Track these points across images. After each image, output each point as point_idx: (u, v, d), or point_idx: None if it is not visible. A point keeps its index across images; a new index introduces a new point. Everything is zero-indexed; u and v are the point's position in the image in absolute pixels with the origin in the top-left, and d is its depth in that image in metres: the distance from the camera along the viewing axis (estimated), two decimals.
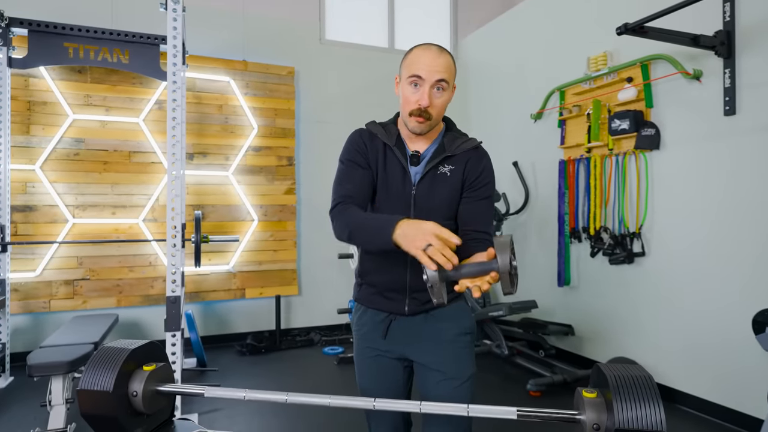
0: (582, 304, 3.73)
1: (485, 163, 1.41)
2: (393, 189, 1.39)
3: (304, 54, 4.71)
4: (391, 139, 1.40)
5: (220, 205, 4.35)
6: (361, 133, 1.44)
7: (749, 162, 2.63)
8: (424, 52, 1.31)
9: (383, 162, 1.40)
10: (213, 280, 4.32)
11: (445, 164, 1.38)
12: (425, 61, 1.30)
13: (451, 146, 1.39)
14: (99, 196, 3.96)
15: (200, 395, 1.30)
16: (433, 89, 1.31)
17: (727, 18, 2.68)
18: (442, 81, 1.30)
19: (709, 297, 2.83)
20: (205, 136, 4.29)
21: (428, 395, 1.42)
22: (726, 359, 2.73)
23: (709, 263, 2.83)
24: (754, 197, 2.60)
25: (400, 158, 1.38)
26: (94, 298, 3.92)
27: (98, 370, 1.20)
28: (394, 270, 1.41)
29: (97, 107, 3.95)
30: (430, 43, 1.35)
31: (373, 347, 1.47)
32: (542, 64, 4.16)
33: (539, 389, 3.19)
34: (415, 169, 1.39)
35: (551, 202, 3.98)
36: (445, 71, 1.30)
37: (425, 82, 1.29)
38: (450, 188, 1.38)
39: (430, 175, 1.38)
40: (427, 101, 1.29)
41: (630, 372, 1.09)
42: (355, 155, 1.41)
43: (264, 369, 3.80)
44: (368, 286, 1.48)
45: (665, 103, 3.08)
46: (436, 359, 1.42)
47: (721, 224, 2.77)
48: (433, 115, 1.32)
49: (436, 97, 1.31)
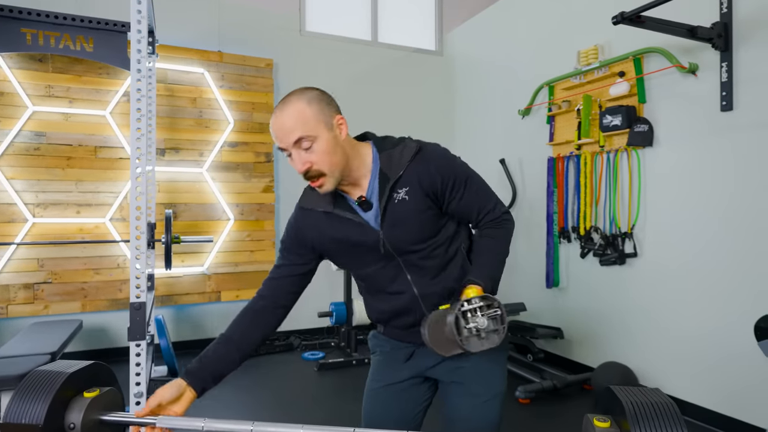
0: (571, 307, 3.62)
1: (435, 165, 1.22)
2: (358, 248, 1.25)
3: (283, 46, 4.51)
4: (328, 203, 1.25)
5: (193, 203, 4.12)
6: (296, 215, 1.32)
7: (747, 160, 2.52)
8: (272, 121, 1.18)
9: (331, 232, 1.26)
10: (186, 283, 4.09)
11: (397, 190, 1.21)
12: (275, 129, 1.16)
13: (391, 168, 1.21)
14: (62, 193, 3.70)
15: (152, 425, 1.12)
16: (301, 150, 1.14)
17: (724, 9, 2.58)
18: (300, 140, 1.13)
19: (705, 299, 2.72)
20: (177, 131, 4.06)
21: (449, 413, 1.33)
22: (722, 364, 2.63)
23: (704, 264, 2.73)
24: (752, 196, 2.50)
25: (347, 215, 1.23)
26: (57, 302, 3.67)
27: (27, 399, 1.01)
28: (409, 312, 1.29)
29: (60, 99, 3.69)
30: (279, 102, 1.19)
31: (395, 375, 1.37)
32: (530, 58, 4.04)
33: (528, 396, 3.06)
34: (371, 214, 1.23)
35: (539, 201, 3.86)
36: (296, 127, 1.13)
37: (288, 148, 1.15)
38: (414, 212, 1.22)
39: (389, 211, 1.21)
40: (302, 167, 1.16)
41: (649, 398, 0.93)
42: (286, 238, 1.33)
43: (240, 376, 3.57)
44: (392, 327, 1.36)
45: (659, 99, 2.98)
46: (460, 372, 1.31)
47: (718, 224, 2.66)
48: (323, 169, 1.16)
49: (309, 154, 1.15)
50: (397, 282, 1.27)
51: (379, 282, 1.29)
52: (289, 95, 1.19)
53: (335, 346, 4.27)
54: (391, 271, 1.27)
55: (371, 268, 1.28)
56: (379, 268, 1.27)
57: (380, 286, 1.30)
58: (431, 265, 1.26)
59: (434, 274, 1.26)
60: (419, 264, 1.25)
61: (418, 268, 1.26)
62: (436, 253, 1.26)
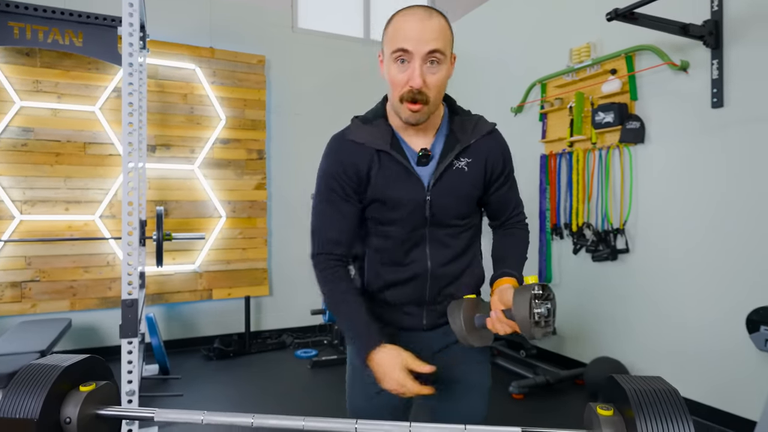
0: (564, 303, 3.64)
1: (505, 150, 1.23)
2: (400, 202, 1.15)
3: (276, 42, 4.48)
4: (385, 142, 1.14)
5: (184, 200, 4.08)
6: (339, 149, 1.16)
7: (738, 156, 2.56)
8: (408, 18, 1.05)
9: (378, 174, 1.14)
10: (177, 281, 4.05)
11: (461, 158, 1.15)
12: (411, 29, 1.03)
13: (464, 134, 1.16)
14: (50, 190, 3.65)
15: (149, 419, 1.10)
16: (426, 63, 1.04)
17: (715, 7, 2.61)
18: (436, 52, 1.03)
19: (696, 295, 2.75)
20: (168, 127, 4.02)
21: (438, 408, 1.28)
22: (714, 359, 2.66)
23: (696, 260, 2.76)
24: (743, 192, 2.53)
25: (402, 161, 1.13)
26: (45, 301, 3.61)
27: (21, 394, 0.98)
28: (413, 286, 1.22)
29: (48, 94, 3.63)
30: (415, 5, 1.08)
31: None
32: (523, 56, 4.05)
33: (522, 391, 3.07)
34: (424, 170, 1.15)
35: (532, 198, 3.87)
36: (439, 38, 1.03)
37: (414, 57, 1.03)
38: (468, 185, 1.17)
39: (445, 176, 1.15)
40: (420, 81, 1.04)
41: (653, 386, 0.93)
42: (334, 184, 1.16)
43: (232, 375, 3.56)
44: (383, 302, 1.25)
45: (650, 96, 3.00)
46: (463, 376, 1.26)
47: (709, 220, 2.69)
48: (430, 97, 1.07)
49: (432, 74, 1.05)
50: (414, 253, 1.19)
51: (398, 249, 1.20)
52: (426, 7, 1.08)
53: (328, 344, 4.26)
54: (414, 239, 1.19)
55: (399, 229, 1.18)
56: (408, 231, 1.18)
57: (395, 254, 1.20)
58: (455, 245, 1.21)
59: (453, 256, 1.21)
60: (445, 241, 1.20)
61: (441, 245, 1.20)
62: (463, 236, 1.23)
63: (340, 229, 1.17)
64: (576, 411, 2.94)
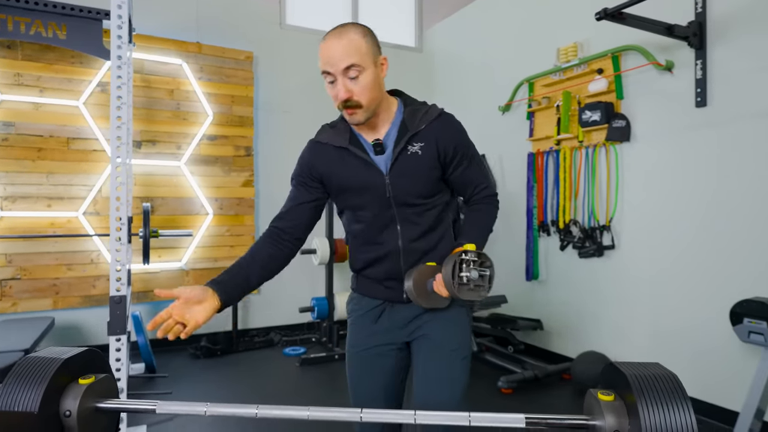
0: (551, 299, 3.69)
1: (454, 130, 1.35)
2: (363, 188, 1.33)
3: (264, 39, 4.45)
4: (344, 140, 1.32)
5: (170, 197, 4.03)
6: (310, 148, 1.38)
7: (720, 154, 2.63)
8: (325, 44, 1.21)
9: (340, 168, 1.33)
10: (163, 279, 3.99)
11: (413, 143, 1.31)
12: (326, 53, 1.20)
13: (414, 122, 1.31)
14: (32, 186, 3.56)
15: (151, 411, 1.08)
16: (346, 78, 1.20)
17: (699, 9, 2.67)
18: (351, 67, 1.18)
19: (681, 289, 2.82)
20: (154, 123, 3.96)
21: (418, 368, 1.39)
22: (699, 352, 2.73)
23: (680, 255, 2.82)
24: (725, 189, 2.60)
25: (360, 154, 1.31)
26: (27, 300, 3.53)
27: (20, 386, 0.96)
28: (388, 262, 1.37)
29: (30, 87, 3.55)
30: (332, 30, 1.23)
31: (362, 339, 1.43)
32: (511, 55, 4.10)
33: (511, 386, 3.11)
34: (381, 158, 1.32)
35: (519, 195, 3.92)
36: (351, 54, 1.18)
37: (336, 75, 1.20)
38: (424, 166, 1.31)
39: (400, 159, 1.30)
40: (344, 94, 1.21)
41: (652, 371, 0.95)
42: (298, 174, 1.39)
43: (220, 373, 3.53)
44: (365, 278, 1.43)
45: (636, 95, 3.06)
46: (430, 332, 1.38)
47: (694, 216, 2.76)
48: (361, 101, 1.22)
49: (354, 84, 1.21)
50: (386, 232, 1.35)
51: (371, 230, 1.36)
52: (345, 24, 1.23)
53: (316, 342, 4.24)
54: (384, 220, 1.34)
55: (368, 212, 1.35)
56: (376, 213, 1.34)
57: (370, 234, 1.37)
58: (422, 222, 1.34)
59: (421, 232, 1.35)
60: (412, 219, 1.34)
61: (409, 223, 1.34)
62: (429, 214, 1.35)
63: (287, 208, 1.38)
64: (564, 404, 2.98)
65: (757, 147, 2.47)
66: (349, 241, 1.45)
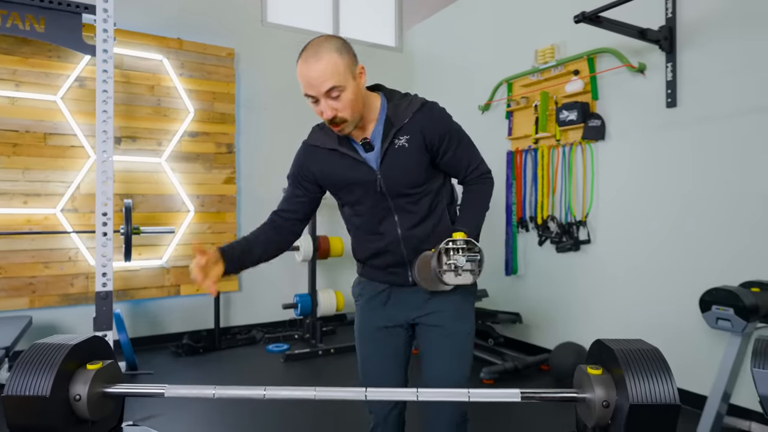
0: (529, 293, 3.81)
1: (438, 119, 1.39)
2: (356, 184, 1.39)
3: (245, 36, 4.44)
4: (333, 141, 1.38)
5: (151, 194, 3.98)
6: (303, 150, 1.46)
7: (689, 152, 2.77)
8: (303, 67, 1.25)
9: (333, 168, 1.40)
10: (143, 277, 3.95)
11: (399, 137, 1.36)
12: (305, 78, 1.24)
13: (397, 117, 1.35)
14: (7, 182, 3.48)
15: (160, 395, 1.10)
16: (329, 98, 1.25)
17: (669, 14, 2.81)
18: (332, 89, 1.24)
19: (654, 281, 2.96)
20: (134, 119, 3.91)
21: (423, 348, 1.49)
22: (670, 340, 2.87)
23: (653, 248, 2.96)
24: (693, 186, 2.75)
25: (350, 153, 1.37)
26: (2, 298, 3.45)
27: (31, 371, 0.98)
28: (391, 250, 1.43)
29: (6, 81, 3.47)
30: (307, 49, 1.26)
31: (373, 319, 1.51)
32: (490, 56, 4.20)
33: (492, 377, 3.20)
34: (371, 155, 1.37)
35: (498, 192, 4.01)
36: (330, 77, 1.22)
37: (318, 97, 1.25)
38: (413, 158, 1.36)
39: (389, 154, 1.36)
40: (329, 113, 1.26)
41: (636, 346, 1.04)
42: (294, 174, 1.47)
43: (203, 370, 3.52)
44: (371, 267, 1.51)
45: (610, 96, 3.20)
46: (436, 313, 1.45)
47: (665, 211, 2.90)
48: (346, 117, 1.28)
49: (337, 103, 1.26)
50: (384, 223, 1.42)
51: (370, 222, 1.43)
52: (318, 43, 1.25)
53: (299, 338, 4.26)
54: (381, 212, 1.41)
55: (364, 206, 1.41)
56: (372, 206, 1.40)
57: (370, 226, 1.44)
58: (417, 210, 1.40)
59: (418, 220, 1.41)
60: (407, 208, 1.40)
61: (405, 212, 1.40)
62: (423, 201, 1.41)
63: (286, 200, 1.48)
64: None
65: (722, 146, 2.61)
66: (352, 232, 1.53)
